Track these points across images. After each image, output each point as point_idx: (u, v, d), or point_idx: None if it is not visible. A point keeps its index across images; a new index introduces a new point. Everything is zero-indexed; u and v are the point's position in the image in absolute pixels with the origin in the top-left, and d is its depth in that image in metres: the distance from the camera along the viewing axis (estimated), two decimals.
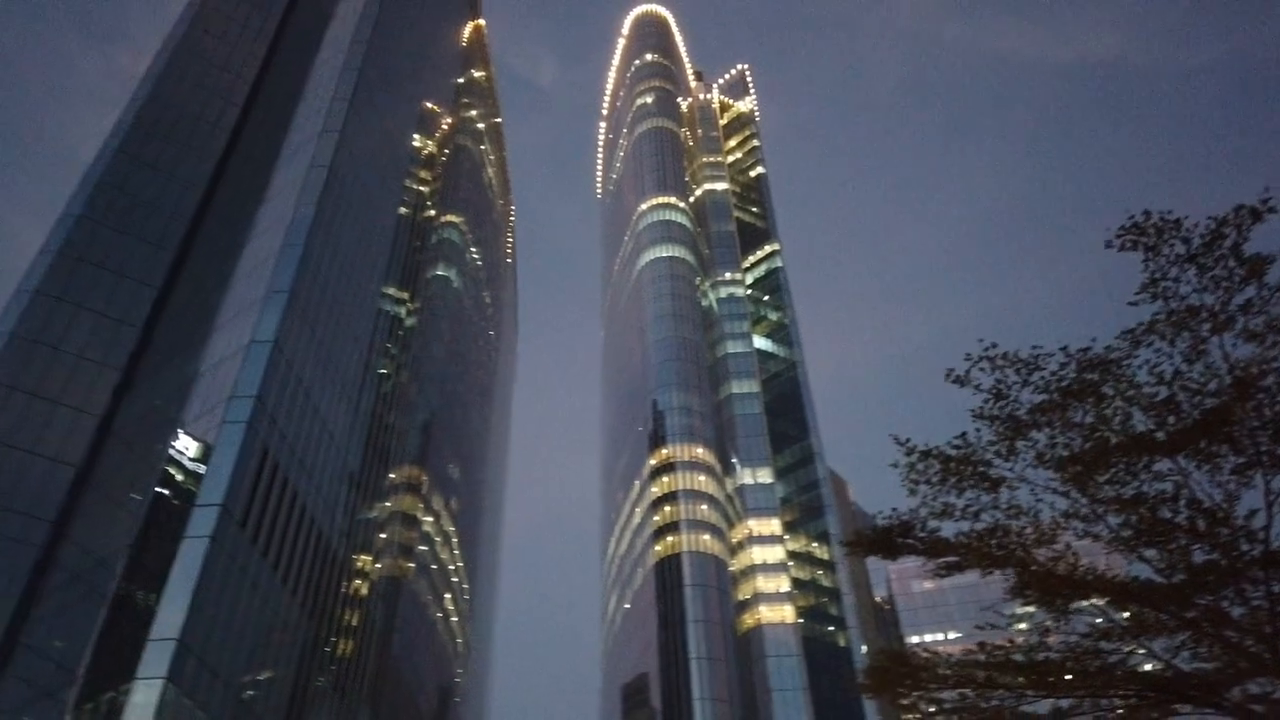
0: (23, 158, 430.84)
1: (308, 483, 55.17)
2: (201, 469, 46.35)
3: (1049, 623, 21.17)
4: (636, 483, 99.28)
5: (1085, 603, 20.83)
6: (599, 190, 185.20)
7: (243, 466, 45.98)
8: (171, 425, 54.55)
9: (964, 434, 20.03)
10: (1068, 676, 20.44)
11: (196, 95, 77.31)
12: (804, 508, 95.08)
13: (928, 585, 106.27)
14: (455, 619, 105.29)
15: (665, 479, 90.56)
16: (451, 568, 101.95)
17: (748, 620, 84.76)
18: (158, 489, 50.09)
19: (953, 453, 19.97)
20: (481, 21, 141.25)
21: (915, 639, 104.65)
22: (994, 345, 19.62)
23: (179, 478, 49.58)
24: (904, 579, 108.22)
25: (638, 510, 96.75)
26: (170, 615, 38.27)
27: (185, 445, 50.41)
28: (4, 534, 46.84)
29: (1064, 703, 21.09)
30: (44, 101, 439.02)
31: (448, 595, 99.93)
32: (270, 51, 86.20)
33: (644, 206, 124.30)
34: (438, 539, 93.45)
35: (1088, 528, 19.82)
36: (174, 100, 75.37)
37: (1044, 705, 21.45)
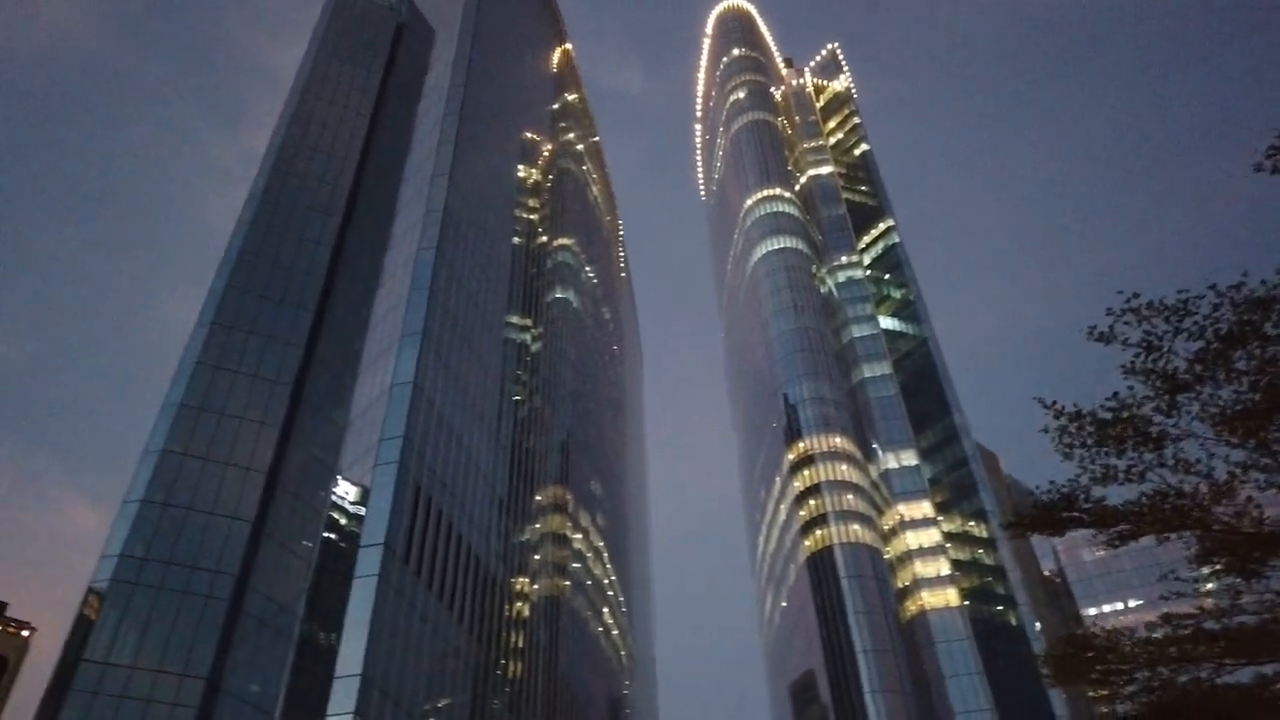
0: (165, 235, 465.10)
1: (460, 513, 57.25)
2: (362, 511, 48.85)
3: (1239, 584, 19.73)
4: (777, 479, 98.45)
5: None
6: (702, 192, 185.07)
7: (399, 505, 48.19)
8: (330, 472, 57.79)
9: (1115, 394, 18.92)
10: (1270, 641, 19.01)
11: (315, 159, 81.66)
12: (955, 487, 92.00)
13: (1099, 553, 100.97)
14: (616, 632, 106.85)
15: (806, 472, 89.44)
16: (605, 582, 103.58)
17: (910, 607, 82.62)
18: (325, 534, 53.15)
19: (1106, 415, 18.88)
20: (569, 46, 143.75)
21: (1092, 610, 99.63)
22: (1135, 295, 18.42)
23: (343, 521, 52.43)
24: (1072, 549, 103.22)
25: (782, 506, 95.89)
26: (351, 652, 40.42)
27: (345, 490, 53.26)
28: (195, 590, 50.56)
29: (1268, 669, 19.64)
30: (179, 182, 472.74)
31: (605, 610, 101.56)
32: (376, 108, 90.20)
33: (750, 201, 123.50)
34: (589, 555, 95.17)
35: (1270, 478, 18.39)
36: (295, 168, 79.83)
37: (1245, 674, 20.02)
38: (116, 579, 48.68)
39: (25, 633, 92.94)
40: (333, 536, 52.92)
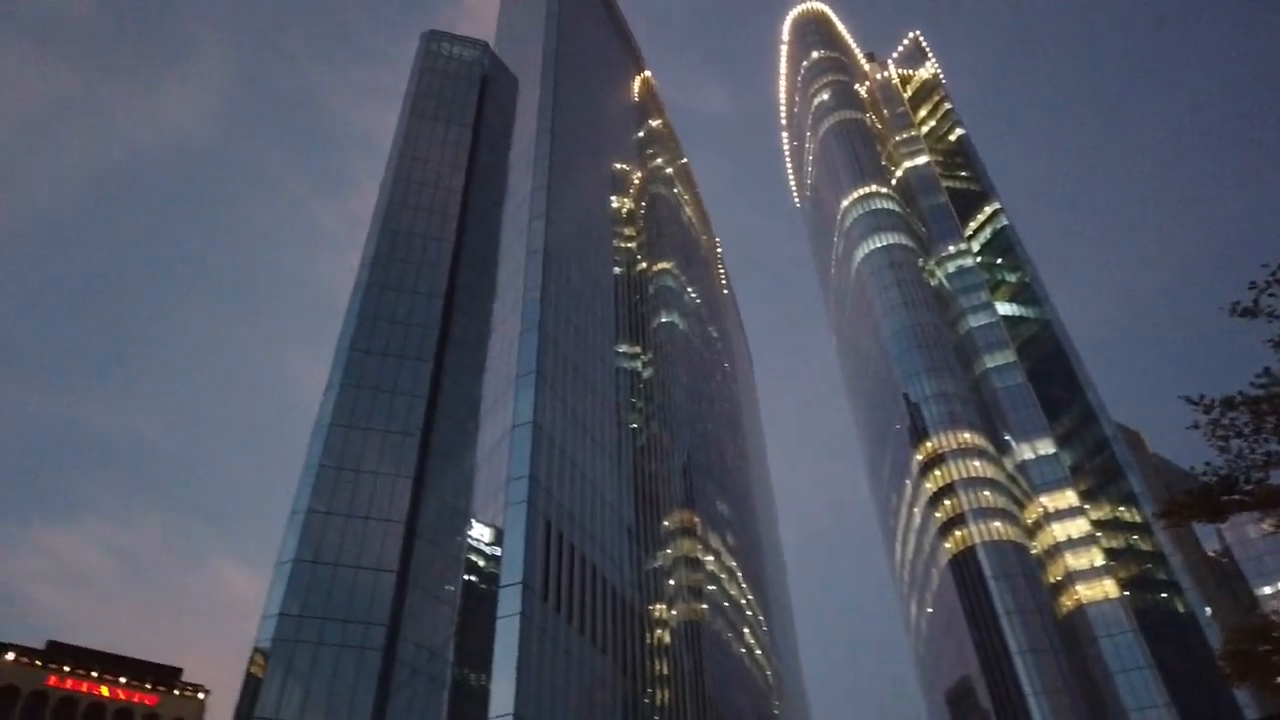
0: (285, 302, 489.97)
1: (592, 545, 57.94)
2: (498, 551, 50.04)
3: None
4: (907, 482, 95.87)
5: None
6: (796, 199, 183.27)
7: (532, 543, 49.17)
8: (464, 517, 59.45)
9: (1266, 369, 17.69)
10: None
11: (419, 217, 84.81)
12: (1099, 472, 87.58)
13: (1266, 526, 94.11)
14: (759, 652, 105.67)
15: (937, 472, 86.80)
16: (743, 602, 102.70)
17: (1066, 603, 78.85)
18: (466, 577, 54.64)
19: (1260, 393, 17.64)
20: (648, 73, 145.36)
21: (1268, 589, 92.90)
22: None
23: (481, 564, 53.84)
24: (1237, 526, 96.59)
25: (915, 510, 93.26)
26: (502, 692, 41.33)
27: (480, 533, 54.71)
28: (351, 643, 52.69)
29: None
30: (293, 251, 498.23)
31: (746, 630, 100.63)
32: (470, 160, 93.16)
33: (846, 202, 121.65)
34: (723, 576, 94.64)
35: None
36: (401, 227, 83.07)
37: None
38: (278, 637, 51.18)
39: (201, 695, 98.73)
40: (473, 579, 54.38)
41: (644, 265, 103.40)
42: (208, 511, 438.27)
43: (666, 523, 79.21)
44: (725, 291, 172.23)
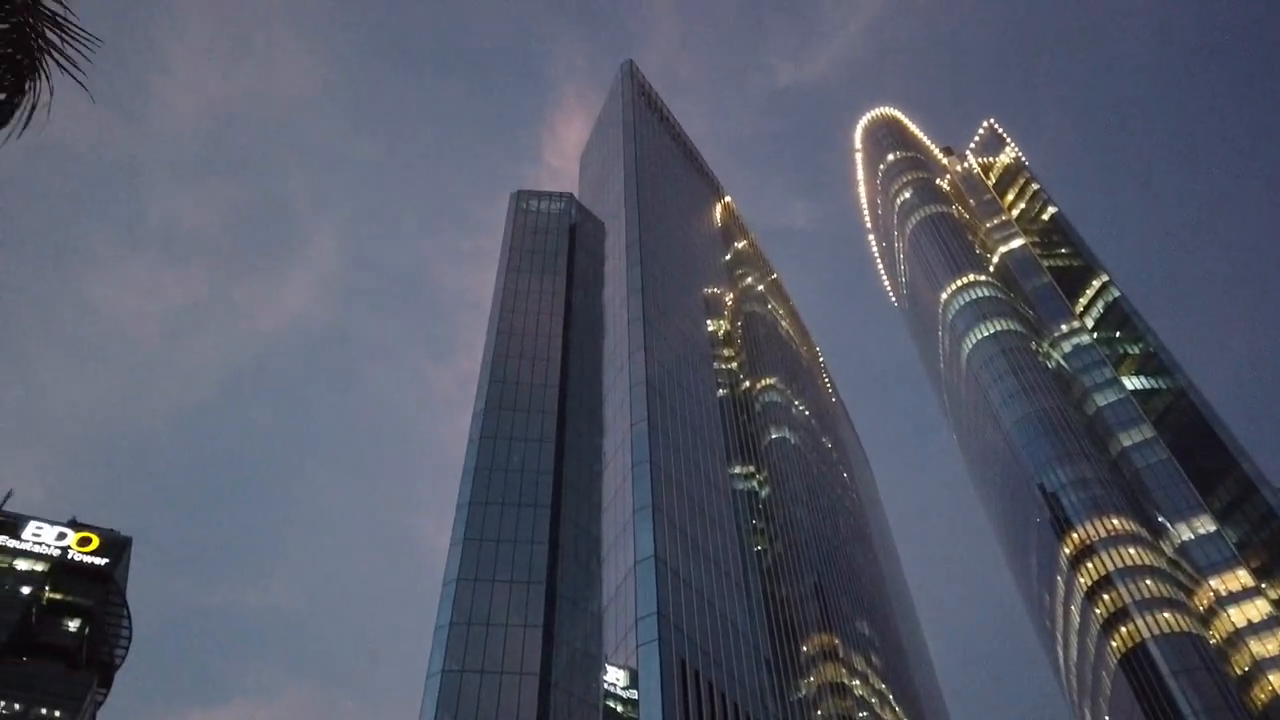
0: (407, 464, 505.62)
1: (730, 680, 55.78)
2: (634, 694, 48.63)
3: None
4: (1058, 579, 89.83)
5: None
6: (893, 298, 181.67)
7: (668, 683, 47.68)
8: (596, 662, 58.33)
9: None
10: None
11: (523, 365, 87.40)
12: (1270, 545, 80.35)
13: None
14: None
15: (1089, 564, 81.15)
16: None
17: (1260, 695, 71.19)
18: None
19: None
20: (728, 198, 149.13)
21: None
22: None
23: (619, 709, 52.33)
24: None
25: (1073, 608, 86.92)
26: None
27: (615, 677, 53.43)
28: None
29: None
30: (410, 415, 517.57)
31: None
32: (567, 306, 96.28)
33: (945, 295, 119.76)
34: (873, 700, 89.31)
35: None
36: (508, 378, 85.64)
37: None
38: None
39: None
40: None
41: (747, 384, 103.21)
42: (351, 681, 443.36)
43: (805, 649, 75.86)
44: (834, 400, 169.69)
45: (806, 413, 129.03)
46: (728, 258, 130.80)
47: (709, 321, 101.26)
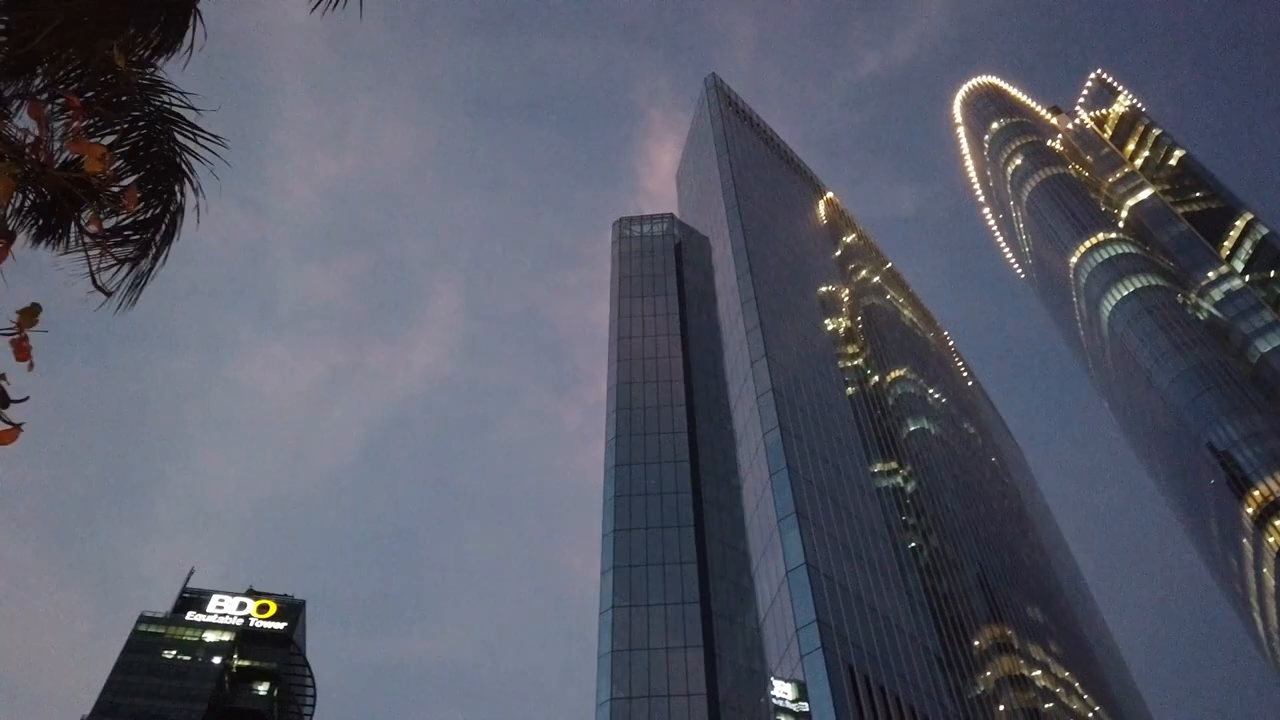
0: (554, 503, 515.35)
1: (901, 682, 54.12)
2: (805, 706, 47.76)
3: None
4: (1244, 541, 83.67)
5: None
6: (1018, 270, 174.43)
7: (838, 690, 46.63)
8: (761, 677, 57.57)
9: None
10: None
11: (648, 389, 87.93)
12: None
13: None
14: None
15: (1277, 523, 75.28)
16: (1089, 716, 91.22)
17: None
18: None
19: None
20: (830, 194, 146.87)
21: None
22: None
23: None
24: None
25: (1265, 571, 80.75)
26: None
27: (782, 690, 52.59)
28: None
29: None
30: (547, 454, 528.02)
31: None
32: (683, 325, 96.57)
33: (1074, 260, 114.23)
34: (1058, 690, 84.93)
35: None
36: (634, 403, 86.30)
37: None
38: None
39: None
40: None
41: (876, 379, 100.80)
42: (525, 718, 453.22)
43: (977, 643, 72.93)
44: (970, 384, 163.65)
45: (943, 400, 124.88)
46: (838, 254, 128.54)
47: (828, 320, 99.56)
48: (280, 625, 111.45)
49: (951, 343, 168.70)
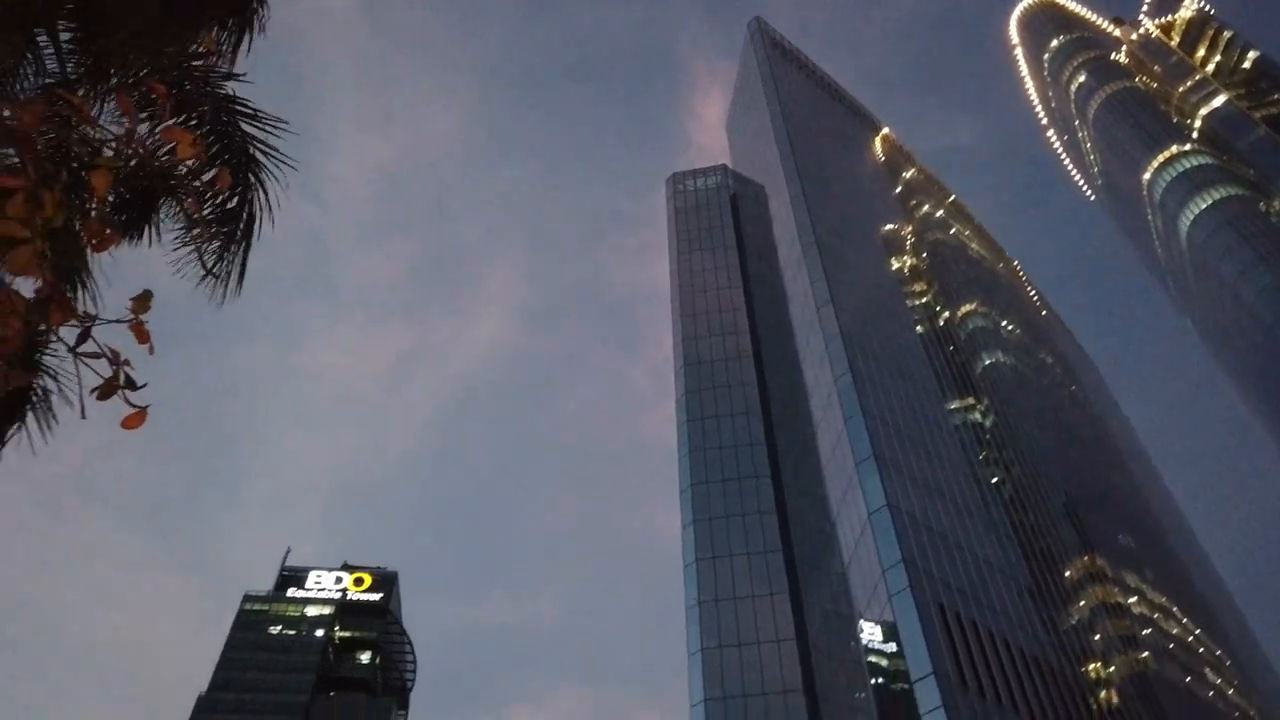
0: (630, 465, 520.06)
1: (993, 616, 53.74)
2: (895, 648, 47.84)
3: None
4: None
5: None
6: (1088, 191, 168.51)
7: (929, 629, 46.53)
8: (849, 621, 57.79)
9: None
10: None
11: (714, 343, 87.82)
12: None
13: None
14: (1231, 691, 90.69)
15: None
16: (1190, 640, 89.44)
17: None
18: (873, 681, 52.53)
19: None
20: (885, 130, 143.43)
21: None
22: None
23: (883, 664, 51.67)
24: None
25: None
26: None
27: (872, 632, 52.76)
28: None
29: None
30: (619, 412, 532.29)
31: (1207, 670, 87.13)
32: (744, 276, 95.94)
33: (1147, 176, 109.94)
34: (1155, 615, 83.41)
35: None
36: (701, 357, 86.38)
37: None
38: None
39: None
40: (880, 680, 52.19)
41: (946, 315, 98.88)
42: (617, 673, 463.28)
43: (1068, 573, 71.87)
44: (1044, 313, 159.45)
45: (1017, 331, 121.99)
46: (898, 191, 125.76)
47: (892, 260, 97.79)
48: (376, 596, 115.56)
49: (1022, 272, 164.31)
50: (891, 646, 49.33)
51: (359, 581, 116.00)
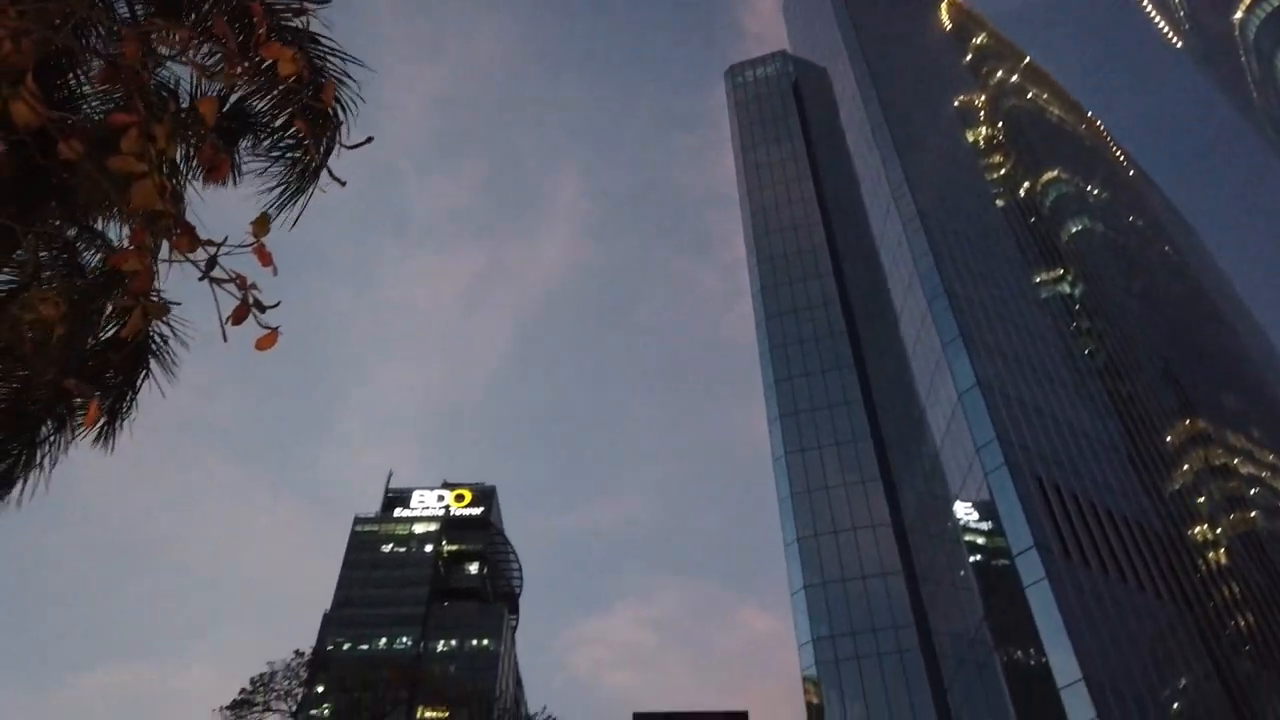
0: (712, 364, 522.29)
1: (1094, 485, 53.05)
2: (991, 525, 47.79)
3: None
4: None
5: None
6: (1173, 39, 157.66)
7: (1028, 503, 46.26)
8: (945, 502, 57.83)
9: None
10: None
11: (786, 236, 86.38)
12: None
13: None
14: None
15: None
16: None
17: None
18: (972, 558, 52.79)
19: None
20: None
21: None
22: None
23: (981, 541, 51.76)
24: None
25: None
26: (1062, 661, 38.93)
27: (969, 511, 52.76)
28: (887, 650, 53.27)
29: None
30: (700, 319, 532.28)
31: None
32: (812, 164, 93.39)
33: (1239, 14, 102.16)
34: (1264, 474, 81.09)
35: None
36: (774, 251, 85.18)
37: None
38: (819, 661, 53.36)
39: None
40: (979, 558, 52.40)
41: (1028, 184, 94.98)
42: (720, 568, 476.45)
43: (1169, 439, 70.18)
44: (1131, 173, 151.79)
45: (1104, 195, 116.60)
46: (969, 58, 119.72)
47: (967, 132, 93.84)
48: (477, 511, 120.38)
49: (1106, 132, 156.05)
50: (990, 524, 49.32)
51: (460, 498, 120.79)
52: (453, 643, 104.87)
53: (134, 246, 4.93)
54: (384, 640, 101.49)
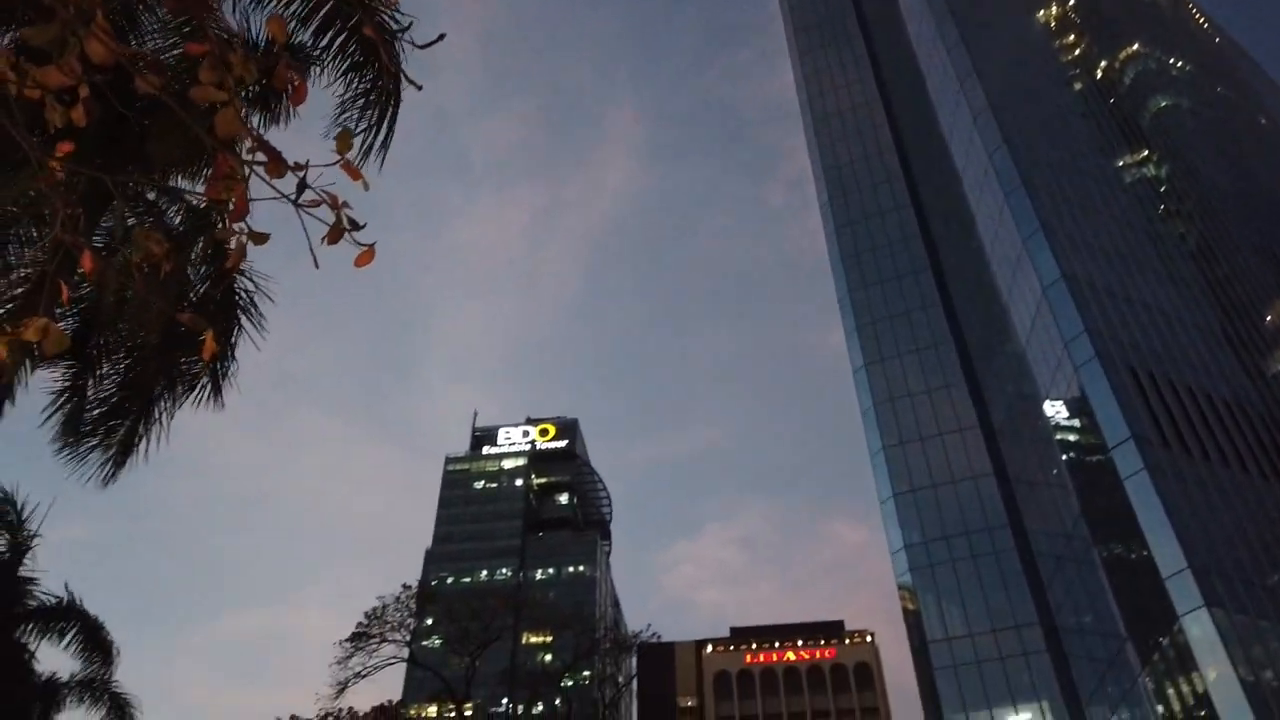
0: (784, 282, 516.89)
1: (1192, 371, 51.18)
2: (1081, 422, 46.67)
3: None
4: None
5: None
6: None
7: (1122, 394, 44.97)
8: (1033, 400, 56.52)
9: None
10: None
11: (852, 144, 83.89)
12: None
13: None
14: None
15: None
16: None
17: None
18: (1065, 455, 51.75)
19: None
20: None
21: None
22: None
23: (1073, 438, 50.64)
24: None
25: None
26: (1166, 551, 38.15)
27: (1059, 408, 51.54)
28: (982, 552, 53.04)
29: None
30: (765, 237, 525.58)
31: None
32: (874, 64, 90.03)
33: None
34: None
35: None
36: (840, 159, 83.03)
37: None
38: (914, 567, 53.42)
39: (869, 638, 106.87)
40: (1072, 455, 51.32)
41: (1105, 63, 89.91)
42: (807, 484, 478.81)
43: (1269, 318, 67.02)
44: (1217, 40, 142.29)
45: (1188, 67, 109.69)
46: None
47: (1038, 12, 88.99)
48: (562, 443, 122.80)
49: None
50: (1082, 419, 48.18)
51: (544, 432, 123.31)
52: (550, 570, 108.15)
53: (225, 176, 4.99)
54: (484, 572, 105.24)
